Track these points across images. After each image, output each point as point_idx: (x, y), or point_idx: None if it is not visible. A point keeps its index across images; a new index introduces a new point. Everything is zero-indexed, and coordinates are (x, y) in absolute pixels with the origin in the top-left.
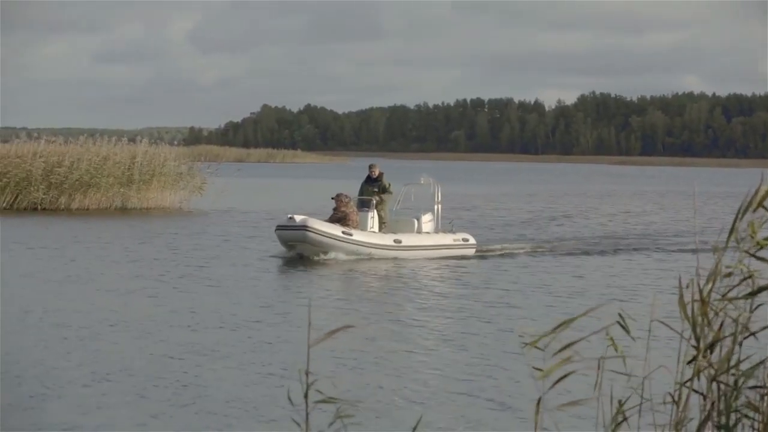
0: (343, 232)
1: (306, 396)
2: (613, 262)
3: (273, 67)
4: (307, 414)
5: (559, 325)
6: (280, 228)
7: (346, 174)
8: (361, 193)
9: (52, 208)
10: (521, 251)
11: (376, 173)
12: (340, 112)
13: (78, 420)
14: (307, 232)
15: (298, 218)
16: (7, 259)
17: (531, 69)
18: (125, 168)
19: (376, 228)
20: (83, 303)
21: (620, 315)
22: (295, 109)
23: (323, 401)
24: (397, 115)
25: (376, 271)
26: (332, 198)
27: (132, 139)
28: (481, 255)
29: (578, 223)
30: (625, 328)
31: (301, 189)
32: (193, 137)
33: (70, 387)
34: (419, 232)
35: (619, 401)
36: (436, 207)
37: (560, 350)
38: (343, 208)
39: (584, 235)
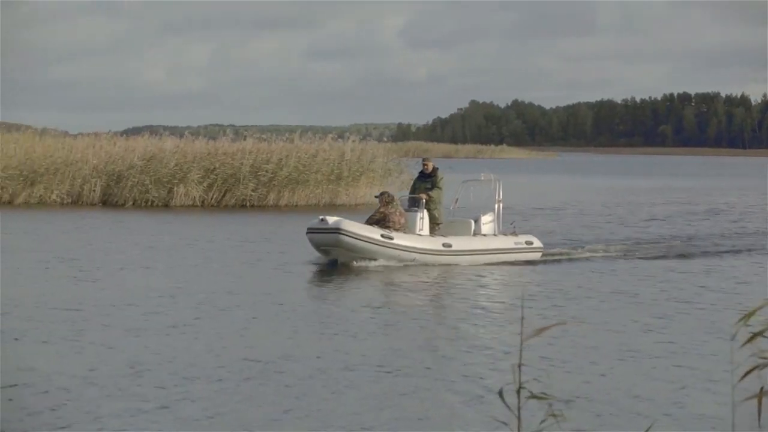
0: (382, 235)
1: (518, 392)
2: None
3: (482, 63)
4: (519, 410)
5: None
6: (311, 231)
7: (553, 169)
8: (413, 190)
9: (261, 204)
10: (595, 255)
11: (430, 168)
12: (547, 107)
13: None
14: (341, 236)
15: (331, 220)
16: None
17: (736, 63)
18: (334, 165)
19: (426, 230)
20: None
21: None
22: (502, 105)
23: (535, 397)
24: (604, 109)
25: (414, 280)
26: (375, 197)
27: (340, 136)
28: (550, 260)
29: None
30: None
31: (509, 185)
32: (401, 133)
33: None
34: (477, 234)
35: None
36: (496, 206)
37: None
38: (382, 209)
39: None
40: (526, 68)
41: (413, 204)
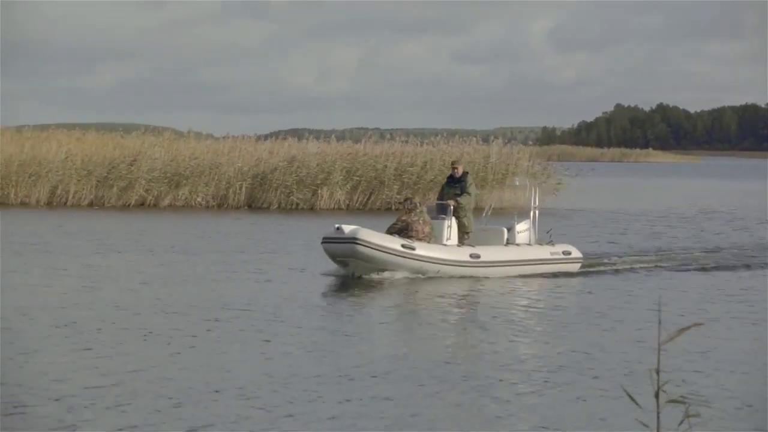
0: (403, 246)
1: (657, 396)
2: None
3: (628, 66)
4: (658, 414)
5: None
6: (326, 241)
7: (698, 172)
8: (441, 196)
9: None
10: (644, 266)
11: (460, 172)
12: (692, 110)
13: None
14: (357, 246)
15: (347, 229)
16: None
17: None
18: (479, 168)
19: (454, 239)
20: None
21: None
22: (647, 108)
23: (674, 401)
24: (749, 113)
25: (435, 293)
26: (399, 203)
27: (485, 139)
28: (590, 271)
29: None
30: None
31: (655, 189)
32: (546, 137)
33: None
34: (511, 243)
35: None
36: (532, 214)
37: None
38: (404, 217)
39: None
40: (671, 71)
41: (441, 211)
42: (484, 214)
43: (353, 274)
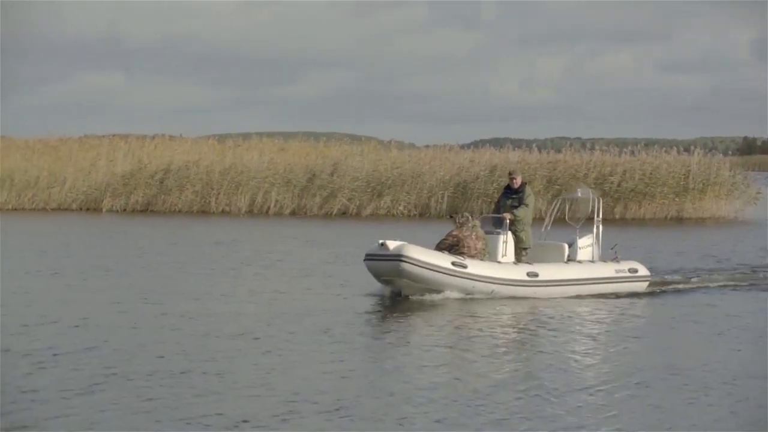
0: (453, 263)
1: None
2: None
3: None
4: None
5: None
6: (369, 258)
7: None
8: (497, 209)
9: (606, 218)
10: (717, 284)
11: (518, 183)
12: None
13: None
14: (403, 263)
15: (392, 245)
16: None
17: None
18: (680, 178)
19: (510, 255)
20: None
21: None
22: None
23: None
24: None
25: (488, 315)
26: (450, 216)
27: (686, 149)
28: (658, 290)
29: None
30: None
31: None
32: (747, 146)
33: None
34: (572, 260)
35: None
36: (595, 228)
37: None
38: (456, 232)
39: None
40: None
41: (496, 225)
42: (543, 228)
43: (399, 293)
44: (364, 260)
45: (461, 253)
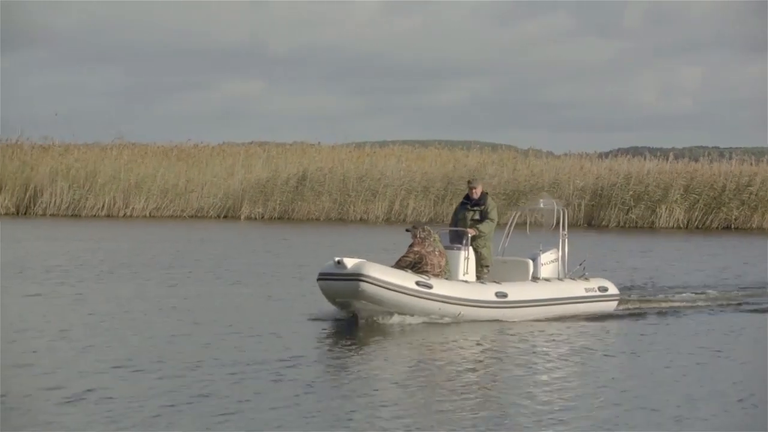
0: (417, 283)
1: None
2: None
3: None
4: None
5: None
6: (323, 277)
7: None
8: (455, 221)
9: (744, 227)
10: (689, 305)
11: (478, 193)
12: None
13: None
14: (362, 283)
15: (350, 263)
16: None
17: None
18: None
19: (472, 273)
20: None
21: None
22: None
23: None
24: None
25: (458, 341)
26: (406, 230)
27: None
28: (629, 312)
29: None
30: None
31: None
32: None
33: None
34: (536, 277)
35: None
36: (560, 242)
37: None
38: (417, 248)
39: None
40: None
41: (455, 239)
42: (501, 243)
43: (356, 317)
44: (318, 280)
45: (424, 272)
